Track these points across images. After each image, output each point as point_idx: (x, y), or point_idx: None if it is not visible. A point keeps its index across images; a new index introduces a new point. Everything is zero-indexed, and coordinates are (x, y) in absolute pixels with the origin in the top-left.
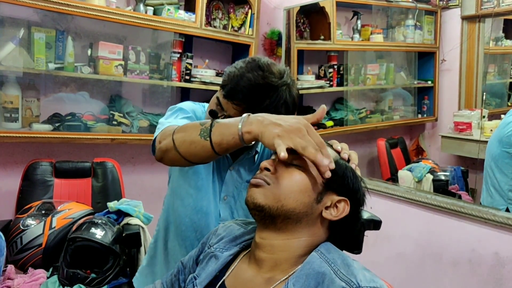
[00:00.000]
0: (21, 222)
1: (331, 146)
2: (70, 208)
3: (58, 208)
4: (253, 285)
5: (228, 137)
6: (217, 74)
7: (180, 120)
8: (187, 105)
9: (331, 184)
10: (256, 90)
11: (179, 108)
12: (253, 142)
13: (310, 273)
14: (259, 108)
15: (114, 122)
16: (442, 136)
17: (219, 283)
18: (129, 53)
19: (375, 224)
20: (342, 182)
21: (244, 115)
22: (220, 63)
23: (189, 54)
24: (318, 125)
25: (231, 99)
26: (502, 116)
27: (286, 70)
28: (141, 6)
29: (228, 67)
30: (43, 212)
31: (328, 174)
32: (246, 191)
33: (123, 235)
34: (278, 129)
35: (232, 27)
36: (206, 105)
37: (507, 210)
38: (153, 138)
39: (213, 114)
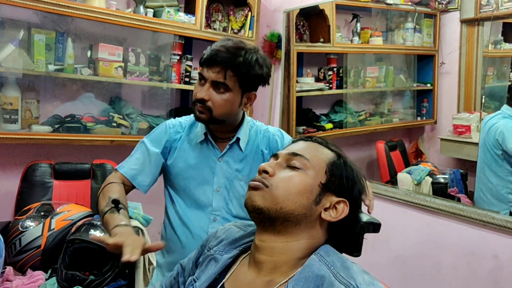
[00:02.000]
0: (20, 223)
1: (329, 145)
2: (69, 210)
3: (57, 209)
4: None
5: (106, 228)
6: None
7: (130, 160)
8: (156, 133)
9: (329, 185)
10: (229, 52)
11: (142, 141)
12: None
13: (309, 276)
14: (234, 67)
15: (114, 124)
16: (441, 139)
17: (219, 285)
18: (129, 55)
19: (374, 226)
20: (340, 183)
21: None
22: None
23: (189, 56)
24: (318, 127)
25: (209, 64)
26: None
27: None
28: (141, 8)
29: None
30: (42, 213)
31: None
32: (237, 180)
33: None
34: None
35: (232, 29)
36: (188, 117)
37: (511, 214)
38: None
39: (115, 202)
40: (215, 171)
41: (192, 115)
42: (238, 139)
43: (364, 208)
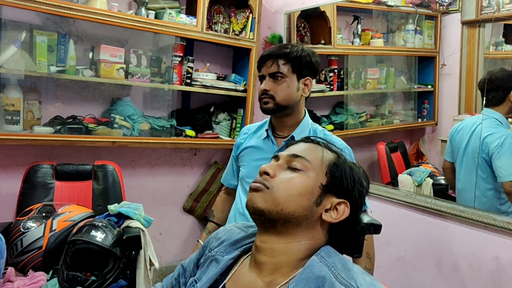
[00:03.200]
0: (21, 224)
1: (329, 146)
2: (71, 211)
3: (59, 210)
4: None
5: None
6: (218, 78)
7: (228, 165)
8: (239, 135)
9: (330, 186)
10: (277, 47)
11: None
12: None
13: (310, 277)
14: (283, 55)
15: (115, 125)
16: (442, 141)
17: (220, 286)
18: (131, 57)
19: (375, 228)
20: (341, 184)
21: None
22: (221, 67)
23: (190, 58)
24: None
25: (264, 61)
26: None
27: None
28: (143, 10)
29: None
30: (44, 214)
31: None
32: None
33: (124, 238)
34: None
35: (233, 31)
36: (260, 122)
37: None
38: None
39: (205, 219)
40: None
41: (264, 120)
42: (293, 137)
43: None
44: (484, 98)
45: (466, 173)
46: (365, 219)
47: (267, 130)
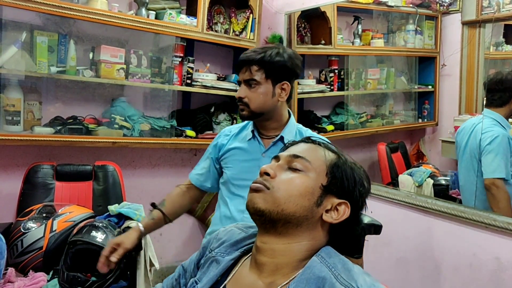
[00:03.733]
0: (22, 225)
1: (330, 146)
2: (71, 211)
3: (59, 211)
4: None
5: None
6: (218, 78)
7: (200, 164)
8: (219, 137)
9: (330, 187)
10: (252, 52)
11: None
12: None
13: (310, 277)
14: (257, 61)
15: (116, 126)
16: (443, 141)
17: (221, 287)
18: (131, 57)
19: (375, 228)
20: (341, 185)
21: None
22: (221, 67)
23: (191, 58)
24: (319, 129)
25: (240, 67)
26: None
27: None
28: (143, 10)
29: None
30: (44, 215)
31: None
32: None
33: None
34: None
35: (234, 31)
36: (243, 124)
37: None
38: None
39: (153, 205)
40: (260, 165)
41: (245, 122)
42: (282, 137)
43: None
44: (485, 99)
45: (465, 172)
46: (366, 219)
47: (253, 131)
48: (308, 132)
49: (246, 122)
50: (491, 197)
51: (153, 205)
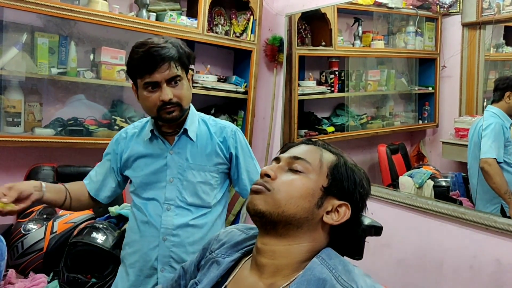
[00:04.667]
0: (22, 226)
1: (330, 147)
2: (72, 213)
3: (59, 212)
4: None
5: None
6: (219, 80)
7: (96, 169)
8: (115, 142)
9: (331, 188)
10: (162, 48)
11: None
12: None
13: (311, 279)
14: (176, 58)
15: (116, 127)
16: (443, 142)
17: None
18: None
19: (376, 230)
20: (342, 186)
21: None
22: (222, 69)
23: None
24: (319, 130)
25: (155, 67)
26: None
27: None
28: (144, 12)
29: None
30: (45, 216)
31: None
32: (189, 169)
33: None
34: None
35: (234, 33)
36: (138, 122)
37: (502, 209)
38: None
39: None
40: (168, 163)
41: (141, 120)
42: (185, 130)
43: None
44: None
45: (475, 164)
46: (366, 221)
47: (152, 131)
48: (211, 120)
49: (141, 121)
50: (485, 175)
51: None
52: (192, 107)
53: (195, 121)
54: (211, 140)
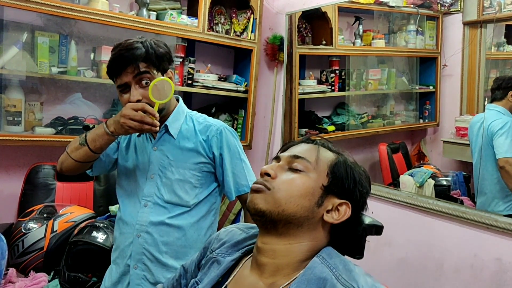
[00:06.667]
0: (23, 225)
1: (330, 146)
2: (72, 212)
3: (60, 211)
4: None
5: (99, 137)
6: (219, 79)
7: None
8: None
9: (331, 187)
10: (129, 50)
11: None
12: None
13: (311, 278)
14: (143, 57)
15: None
16: (444, 141)
17: None
18: None
19: (376, 229)
20: (342, 185)
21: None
22: (222, 68)
23: (192, 59)
24: (320, 129)
25: (122, 69)
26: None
27: None
28: (144, 11)
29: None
30: (45, 215)
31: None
32: (169, 166)
33: None
34: (119, 117)
35: (235, 32)
36: None
37: None
38: None
39: (85, 128)
40: (151, 159)
41: None
42: (166, 126)
43: (365, 212)
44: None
45: (483, 164)
46: (367, 220)
47: None
48: (200, 118)
49: None
50: (505, 174)
51: (86, 128)
52: (182, 105)
53: (180, 118)
54: (195, 138)
